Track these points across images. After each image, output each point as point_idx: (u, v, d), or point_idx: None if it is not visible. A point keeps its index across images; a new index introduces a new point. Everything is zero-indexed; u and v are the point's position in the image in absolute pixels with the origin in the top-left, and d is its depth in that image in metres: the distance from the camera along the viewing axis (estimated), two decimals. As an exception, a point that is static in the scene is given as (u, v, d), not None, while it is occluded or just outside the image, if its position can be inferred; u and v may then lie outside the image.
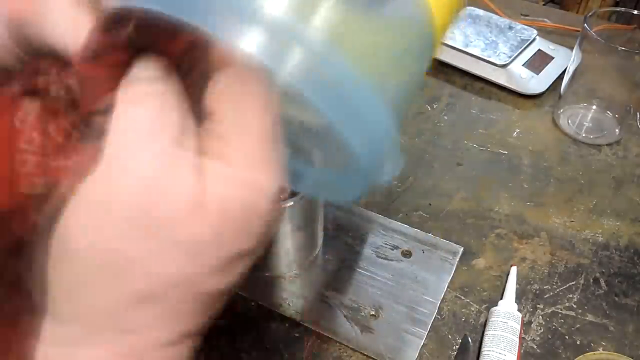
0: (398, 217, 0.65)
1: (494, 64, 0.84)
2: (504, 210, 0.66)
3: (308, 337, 0.53)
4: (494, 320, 0.53)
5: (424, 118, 0.80)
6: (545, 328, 0.55)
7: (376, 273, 0.58)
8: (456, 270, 0.59)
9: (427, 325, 0.54)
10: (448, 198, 0.68)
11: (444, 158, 0.73)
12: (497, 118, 0.80)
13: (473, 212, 0.66)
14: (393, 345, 0.52)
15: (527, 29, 0.90)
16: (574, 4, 2.22)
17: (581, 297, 0.58)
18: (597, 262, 0.61)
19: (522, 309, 0.56)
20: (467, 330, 0.54)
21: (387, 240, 0.62)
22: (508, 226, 0.64)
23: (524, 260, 0.61)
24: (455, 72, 0.88)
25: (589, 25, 0.73)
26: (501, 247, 0.62)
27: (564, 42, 0.91)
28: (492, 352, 0.50)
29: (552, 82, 0.84)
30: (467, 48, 0.86)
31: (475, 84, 0.86)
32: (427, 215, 0.65)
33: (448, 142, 0.76)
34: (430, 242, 0.62)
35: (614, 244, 0.63)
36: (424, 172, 0.71)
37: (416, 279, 0.58)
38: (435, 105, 0.82)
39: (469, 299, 0.57)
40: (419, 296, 0.56)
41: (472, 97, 0.84)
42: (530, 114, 0.79)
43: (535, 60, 0.86)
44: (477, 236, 0.63)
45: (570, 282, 0.59)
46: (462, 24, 0.91)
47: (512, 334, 0.51)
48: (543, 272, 0.60)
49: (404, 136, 0.76)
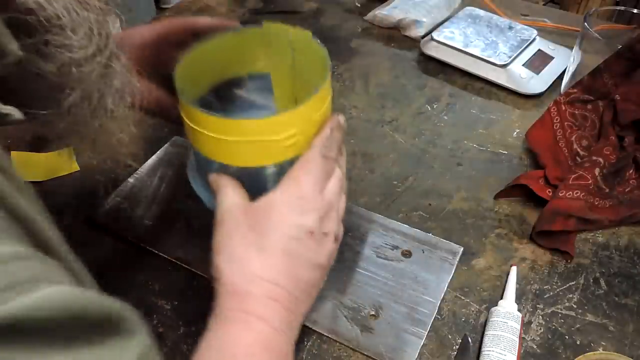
0: (398, 217, 0.65)
1: (494, 64, 0.84)
2: (504, 210, 0.66)
3: (308, 337, 0.53)
4: (494, 320, 0.53)
5: (424, 118, 0.80)
6: (545, 328, 0.55)
7: (376, 273, 0.58)
8: (456, 270, 0.59)
9: (427, 325, 0.54)
10: (448, 198, 0.68)
11: (444, 158, 0.73)
12: (497, 118, 0.80)
13: (473, 212, 0.66)
14: (393, 345, 0.52)
15: (527, 29, 0.90)
16: (574, 3, 2.22)
17: (581, 297, 0.58)
18: (597, 262, 0.61)
19: (522, 309, 0.56)
20: (467, 330, 0.54)
21: (387, 240, 0.62)
22: (508, 226, 0.64)
23: (524, 260, 0.61)
24: (455, 72, 0.88)
25: (589, 24, 0.73)
26: (501, 247, 0.62)
27: (564, 42, 0.91)
28: (492, 352, 0.50)
29: (552, 82, 0.84)
30: (467, 48, 0.86)
31: (475, 84, 0.86)
32: (427, 215, 0.65)
33: (448, 142, 0.76)
34: (430, 242, 0.62)
35: (614, 244, 0.63)
36: (424, 172, 0.71)
37: (416, 279, 0.58)
38: (435, 105, 0.82)
39: (469, 299, 0.57)
40: (419, 296, 0.56)
41: (472, 97, 0.84)
42: (530, 114, 0.79)
43: (535, 60, 0.86)
44: (477, 236, 0.63)
45: (570, 282, 0.59)
46: (462, 24, 0.91)
47: (512, 334, 0.51)
48: (543, 272, 0.60)
49: (404, 136, 0.76)
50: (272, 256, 0.40)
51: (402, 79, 0.86)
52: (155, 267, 0.59)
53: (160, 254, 0.60)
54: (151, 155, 0.71)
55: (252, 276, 0.39)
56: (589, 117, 0.72)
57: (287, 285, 0.40)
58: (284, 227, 0.40)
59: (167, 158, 0.71)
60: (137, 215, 0.64)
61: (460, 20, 0.92)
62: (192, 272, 0.58)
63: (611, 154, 0.67)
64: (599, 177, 0.65)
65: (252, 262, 0.39)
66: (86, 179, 0.69)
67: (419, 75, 0.87)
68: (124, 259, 0.60)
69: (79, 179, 0.69)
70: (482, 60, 0.85)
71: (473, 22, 0.92)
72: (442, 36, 0.88)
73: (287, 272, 0.40)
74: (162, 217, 0.64)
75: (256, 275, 0.39)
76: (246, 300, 0.38)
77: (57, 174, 0.69)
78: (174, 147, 0.73)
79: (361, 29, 0.98)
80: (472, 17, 0.93)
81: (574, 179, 0.64)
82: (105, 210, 0.64)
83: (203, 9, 1.04)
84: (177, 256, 0.60)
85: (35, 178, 0.68)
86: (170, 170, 0.70)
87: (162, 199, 0.66)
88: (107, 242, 0.62)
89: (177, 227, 0.63)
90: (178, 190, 0.67)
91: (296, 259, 0.40)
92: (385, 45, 0.94)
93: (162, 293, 0.57)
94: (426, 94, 0.84)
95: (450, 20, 0.93)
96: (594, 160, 0.66)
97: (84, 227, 0.63)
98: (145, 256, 0.60)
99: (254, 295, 0.38)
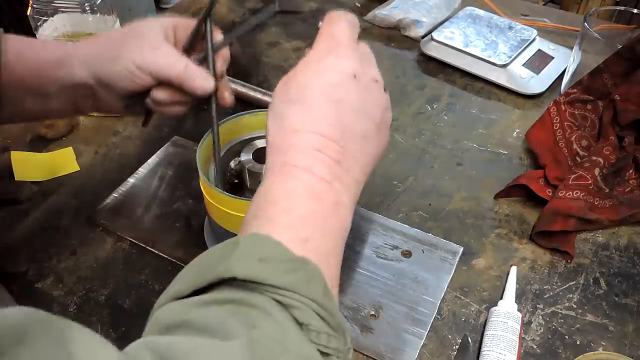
0: (398, 217, 0.65)
1: (494, 64, 0.84)
2: (504, 210, 0.66)
3: (308, 337, 0.53)
4: (494, 320, 0.53)
5: (424, 118, 0.80)
6: (545, 328, 0.55)
7: (376, 273, 0.58)
8: (456, 270, 0.59)
9: (427, 325, 0.54)
10: (448, 198, 0.68)
11: (444, 158, 0.73)
12: (497, 118, 0.80)
13: (473, 212, 0.66)
14: (393, 345, 0.52)
15: (527, 29, 0.90)
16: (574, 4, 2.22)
17: (581, 297, 0.58)
18: (597, 262, 0.61)
19: (522, 309, 0.56)
20: (467, 330, 0.54)
21: (387, 240, 0.62)
22: (508, 226, 0.64)
23: (524, 260, 0.61)
24: (455, 72, 0.88)
25: (589, 24, 0.73)
26: (501, 247, 0.62)
27: (564, 42, 0.91)
28: (492, 352, 0.50)
29: (552, 82, 0.84)
30: (467, 48, 0.86)
31: (475, 84, 0.86)
32: (427, 215, 0.65)
33: (448, 142, 0.76)
34: (430, 242, 0.62)
35: (614, 244, 0.63)
36: (424, 172, 0.71)
37: (416, 279, 0.58)
38: (435, 105, 0.82)
39: (469, 299, 0.57)
40: (419, 296, 0.56)
41: (472, 97, 0.84)
42: (530, 114, 0.79)
43: (535, 60, 0.86)
44: (477, 236, 0.63)
45: (570, 282, 0.59)
46: (462, 23, 0.91)
47: (512, 334, 0.51)
48: (543, 272, 0.60)
49: (404, 136, 0.76)
50: (313, 106, 0.37)
51: (402, 79, 0.86)
52: (155, 267, 0.59)
53: (160, 254, 0.60)
54: (151, 155, 0.71)
55: (293, 129, 0.37)
56: (589, 117, 0.72)
57: (332, 134, 0.36)
58: (323, 75, 0.38)
59: (167, 158, 0.71)
60: (137, 215, 0.64)
61: (460, 20, 0.92)
62: (192, 272, 0.58)
63: (611, 154, 0.67)
64: (599, 177, 0.65)
65: (293, 116, 0.37)
66: (86, 179, 0.69)
67: (419, 75, 0.87)
68: (124, 259, 0.60)
69: (79, 179, 0.69)
70: (482, 60, 0.85)
71: (473, 22, 0.92)
72: (442, 36, 0.88)
73: (330, 120, 0.37)
74: (162, 217, 0.64)
75: (297, 129, 0.37)
76: (289, 153, 0.36)
77: (57, 174, 0.69)
78: (174, 147, 0.73)
79: (361, 29, 0.98)
80: (472, 17, 0.93)
81: (573, 179, 0.64)
82: (105, 210, 0.64)
83: (203, 8, 1.03)
84: (177, 256, 0.60)
85: (35, 178, 0.68)
86: (170, 170, 0.70)
87: (162, 199, 0.66)
88: (107, 242, 0.62)
89: (177, 227, 0.63)
90: (178, 190, 0.67)
91: (340, 106, 0.37)
92: (385, 45, 0.94)
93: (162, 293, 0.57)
94: (426, 94, 0.84)
95: (450, 20, 0.93)
96: (593, 160, 0.66)
97: (84, 227, 0.63)
98: (145, 256, 0.60)
99: (297, 147, 0.36)
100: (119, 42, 0.49)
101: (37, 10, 0.69)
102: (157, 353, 0.25)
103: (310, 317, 0.29)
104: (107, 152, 0.73)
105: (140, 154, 0.72)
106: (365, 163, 0.39)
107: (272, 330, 0.28)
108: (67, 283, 0.57)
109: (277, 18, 1.01)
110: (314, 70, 0.38)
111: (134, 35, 0.50)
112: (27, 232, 0.62)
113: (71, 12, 0.70)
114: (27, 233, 0.62)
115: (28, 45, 0.50)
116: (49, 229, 0.63)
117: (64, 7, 0.69)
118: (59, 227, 0.63)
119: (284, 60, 0.90)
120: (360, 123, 0.38)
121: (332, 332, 0.30)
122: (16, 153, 0.70)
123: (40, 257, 0.60)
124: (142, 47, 0.48)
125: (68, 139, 0.74)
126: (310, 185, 0.35)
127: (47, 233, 0.62)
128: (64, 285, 0.57)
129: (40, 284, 0.57)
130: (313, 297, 0.30)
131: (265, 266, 0.30)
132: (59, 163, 0.70)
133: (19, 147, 0.72)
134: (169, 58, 0.49)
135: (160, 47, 0.49)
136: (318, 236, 0.34)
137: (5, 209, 0.65)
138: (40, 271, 0.58)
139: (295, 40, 0.95)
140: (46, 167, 0.69)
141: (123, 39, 0.49)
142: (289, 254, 0.31)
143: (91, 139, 0.74)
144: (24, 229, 0.63)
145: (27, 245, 0.61)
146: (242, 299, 0.29)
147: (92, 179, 0.69)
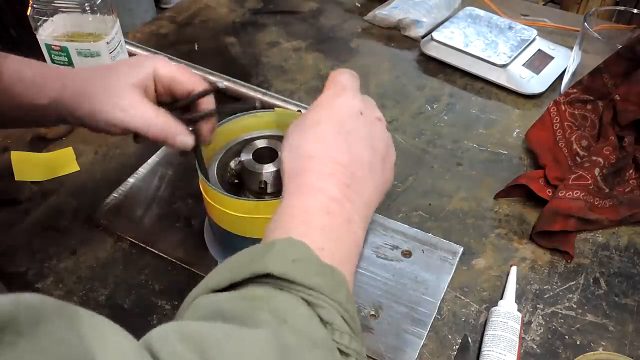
0: (398, 217, 0.65)
1: (494, 64, 0.84)
2: (504, 210, 0.66)
3: (308, 337, 0.53)
4: (494, 320, 0.53)
5: (424, 118, 0.80)
6: (545, 328, 0.55)
7: (376, 273, 0.58)
8: (456, 270, 0.59)
9: (427, 325, 0.54)
10: (448, 198, 0.68)
11: (444, 158, 0.73)
12: (497, 118, 0.80)
13: (473, 212, 0.66)
14: (393, 345, 0.52)
15: (527, 29, 0.90)
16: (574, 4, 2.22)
17: (581, 297, 0.58)
18: (597, 262, 0.61)
19: (522, 309, 0.56)
20: (467, 330, 0.54)
21: (387, 240, 0.62)
22: (508, 226, 0.64)
23: (524, 260, 0.61)
24: (455, 72, 0.88)
25: (589, 24, 0.73)
26: (501, 247, 0.62)
27: (564, 42, 0.91)
28: (492, 352, 0.50)
29: (552, 82, 0.84)
30: (467, 48, 0.86)
31: (475, 84, 0.86)
32: (427, 215, 0.65)
33: (448, 142, 0.76)
34: (430, 242, 0.62)
35: (614, 244, 0.63)
36: (424, 172, 0.71)
37: (416, 279, 0.58)
38: (435, 105, 0.82)
39: (469, 299, 0.57)
40: (419, 296, 0.56)
41: (472, 97, 0.84)
42: (530, 114, 0.79)
43: (535, 60, 0.86)
44: (477, 236, 0.63)
45: (570, 282, 0.59)
46: (462, 23, 0.91)
47: (512, 334, 0.51)
48: (543, 272, 0.60)
49: (404, 136, 0.76)
50: (326, 137, 0.42)
51: (402, 79, 0.86)
52: (155, 267, 0.59)
53: (160, 254, 0.60)
54: (151, 155, 0.71)
55: (309, 156, 0.41)
56: (589, 117, 0.72)
57: (342, 159, 0.41)
58: (334, 112, 0.43)
59: (167, 158, 0.71)
60: (137, 215, 0.64)
61: (460, 20, 0.92)
62: (192, 272, 0.58)
63: (611, 154, 0.67)
64: (599, 177, 0.65)
65: (306, 145, 0.42)
66: (86, 179, 0.69)
67: (419, 75, 0.87)
68: (124, 259, 0.60)
69: (79, 179, 0.69)
70: (482, 60, 0.85)
71: (473, 22, 0.92)
72: (442, 36, 0.88)
73: (341, 147, 0.41)
74: (162, 217, 0.64)
75: (312, 155, 0.41)
76: (305, 177, 0.40)
77: (57, 174, 0.69)
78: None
79: (361, 29, 0.98)
80: (472, 17, 0.93)
81: (573, 179, 0.64)
82: (105, 210, 0.64)
83: (203, 9, 1.04)
84: (177, 256, 0.60)
85: (35, 178, 0.68)
86: (170, 170, 0.70)
87: (162, 199, 0.66)
88: (107, 242, 0.62)
89: (177, 227, 0.63)
90: (178, 190, 0.67)
91: (349, 137, 0.42)
92: (385, 45, 0.94)
93: (162, 293, 0.57)
94: (426, 94, 0.84)
95: (450, 20, 0.93)
96: (593, 160, 0.66)
97: (84, 227, 0.63)
98: (145, 256, 0.60)
99: (312, 171, 0.40)
100: (95, 96, 0.48)
101: (37, 10, 0.69)
102: (188, 338, 0.27)
103: (334, 317, 0.32)
104: (107, 152, 0.73)
105: (140, 154, 0.72)
106: (373, 189, 0.43)
107: (300, 324, 0.31)
108: (67, 283, 0.57)
109: (277, 18, 1.01)
110: (326, 108, 0.44)
111: (111, 92, 0.48)
112: (27, 232, 0.62)
113: (71, 12, 0.70)
114: (27, 233, 0.62)
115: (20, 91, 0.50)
116: (48, 229, 0.63)
117: (64, 7, 0.69)
118: (58, 227, 0.63)
119: (284, 60, 0.90)
120: (367, 154, 0.43)
121: (353, 335, 0.33)
122: (16, 153, 0.70)
123: (40, 257, 0.60)
124: (117, 105, 0.47)
125: (68, 139, 0.74)
126: (324, 204, 0.39)
127: (47, 233, 0.62)
128: (64, 285, 0.57)
129: (40, 284, 0.57)
130: (338, 299, 0.32)
131: (298, 266, 0.33)
132: (59, 163, 0.70)
133: (19, 147, 0.72)
134: (145, 118, 0.48)
135: (136, 107, 0.47)
136: (333, 246, 0.37)
137: (5, 209, 0.65)
138: (40, 271, 0.58)
139: (295, 40, 0.95)
140: (46, 167, 0.69)
141: (100, 94, 0.48)
142: (319, 259, 0.34)
143: (91, 138, 0.74)
144: (24, 229, 0.63)
145: (27, 245, 0.61)
146: (273, 295, 0.32)
147: (92, 179, 0.69)
